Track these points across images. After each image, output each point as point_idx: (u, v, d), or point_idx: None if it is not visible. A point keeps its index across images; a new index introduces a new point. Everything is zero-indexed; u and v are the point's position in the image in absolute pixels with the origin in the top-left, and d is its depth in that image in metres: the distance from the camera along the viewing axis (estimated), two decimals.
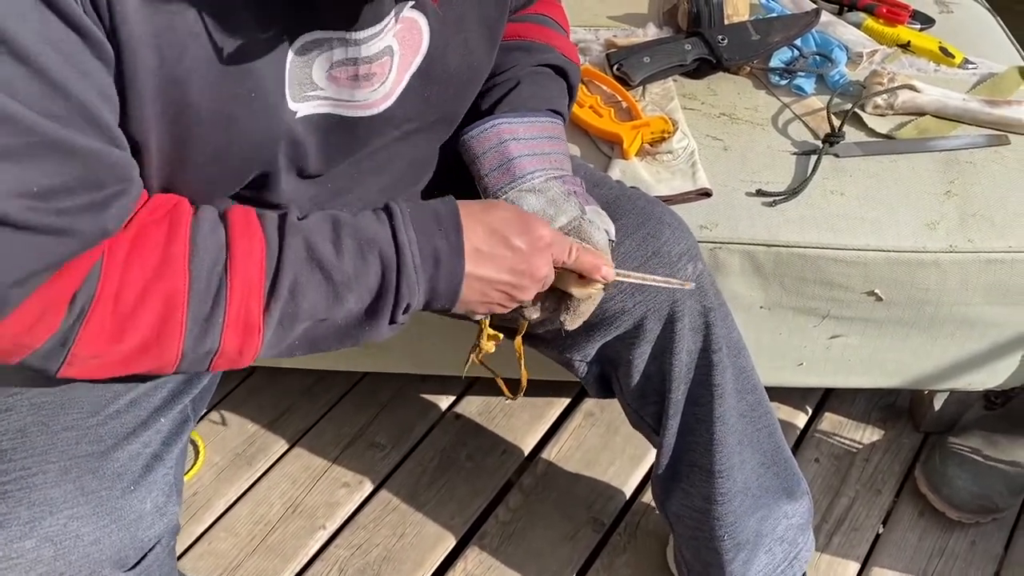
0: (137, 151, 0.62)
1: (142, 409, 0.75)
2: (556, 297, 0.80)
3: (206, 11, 0.58)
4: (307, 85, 0.67)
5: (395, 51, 0.70)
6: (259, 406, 1.39)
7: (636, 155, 1.10)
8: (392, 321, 0.71)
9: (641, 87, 1.18)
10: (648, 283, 0.84)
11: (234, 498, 1.28)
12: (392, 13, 0.67)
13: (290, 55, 0.64)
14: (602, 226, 0.81)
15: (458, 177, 0.90)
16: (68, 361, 0.61)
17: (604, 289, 0.80)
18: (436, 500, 1.28)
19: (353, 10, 0.64)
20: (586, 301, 0.79)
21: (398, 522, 1.26)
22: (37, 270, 0.57)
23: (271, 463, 1.32)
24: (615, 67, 1.17)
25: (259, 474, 1.31)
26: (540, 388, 1.35)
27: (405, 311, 0.71)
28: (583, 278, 0.77)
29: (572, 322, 0.81)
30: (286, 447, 1.34)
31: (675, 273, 0.87)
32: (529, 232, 0.72)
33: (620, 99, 1.15)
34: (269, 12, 0.61)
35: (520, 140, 0.84)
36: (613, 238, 0.83)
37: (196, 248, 0.63)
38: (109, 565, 0.70)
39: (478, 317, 0.79)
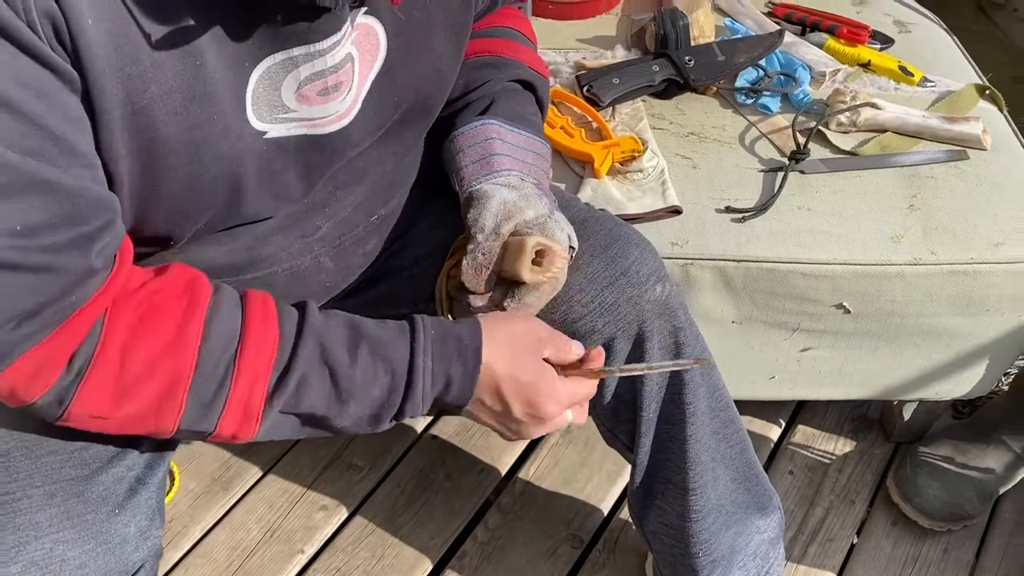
0: (110, 182, 0.62)
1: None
2: (505, 286, 0.82)
3: (167, 42, 0.59)
4: (278, 107, 0.67)
5: (355, 58, 0.71)
6: None
7: (607, 174, 1.11)
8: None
9: (611, 107, 1.20)
10: (655, 372, 0.89)
11: (211, 524, 1.27)
12: (349, 20, 0.68)
13: (254, 77, 0.65)
14: (566, 229, 0.83)
15: (435, 192, 0.91)
16: (65, 417, 0.63)
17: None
18: (415, 521, 1.28)
19: (315, 19, 0.65)
20: (533, 291, 0.81)
21: (377, 544, 1.25)
22: (27, 311, 0.57)
23: (248, 488, 1.31)
24: (585, 88, 1.19)
25: (235, 499, 1.30)
26: None
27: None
28: (536, 264, 0.80)
29: (515, 311, 0.82)
30: (262, 471, 1.33)
31: (643, 294, 0.88)
32: (535, 409, 0.76)
33: (591, 119, 1.17)
34: (231, 37, 0.62)
35: (506, 143, 0.86)
36: (575, 245, 0.85)
37: (210, 332, 0.64)
38: None
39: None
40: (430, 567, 1.24)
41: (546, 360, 0.78)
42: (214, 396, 0.65)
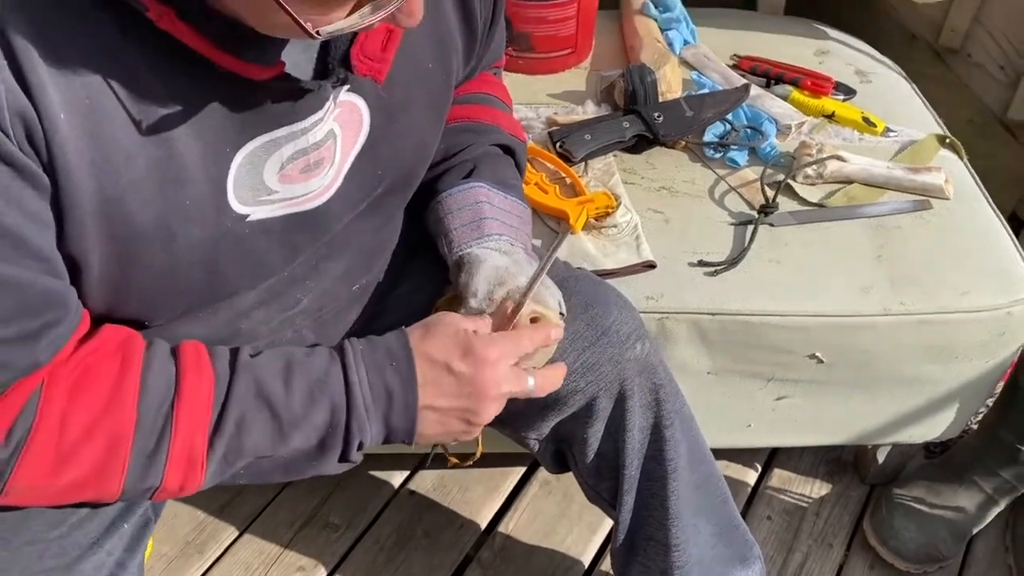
0: (78, 271, 0.62)
1: (104, 516, 0.73)
2: None
3: (141, 133, 0.59)
4: (260, 190, 0.67)
5: (337, 135, 0.71)
6: (208, 490, 1.35)
7: (583, 230, 1.12)
8: (344, 458, 0.71)
9: (583, 163, 1.21)
10: (550, 260, 0.81)
11: None
12: (332, 97, 0.68)
13: (235, 163, 0.65)
14: (556, 295, 0.83)
15: (413, 255, 0.91)
16: (5, 492, 0.61)
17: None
18: None
19: (298, 99, 0.65)
20: (527, 360, 0.79)
21: None
22: None
23: (223, 550, 1.29)
24: (557, 144, 1.20)
25: (210, 562, 1.27)
26: (495, 460, 1.35)
27: (359, 448, 0.71)
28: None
29: None
30: (237, 532, 1.31)
31: (624, 352, 0.88)
32: (471, 353, 0.72)
33: (564, 175, 1.18)
34: (208, 125, 0.62)
35: (495, 207, 0.86)
36: (564, 311, 0.85)
37: (146, 386, 0.63)
38: None
39: (448, 445, 0.80)
40: None
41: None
42: (155, 449, 0.63)
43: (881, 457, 1.37)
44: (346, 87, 0.69)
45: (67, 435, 0.61)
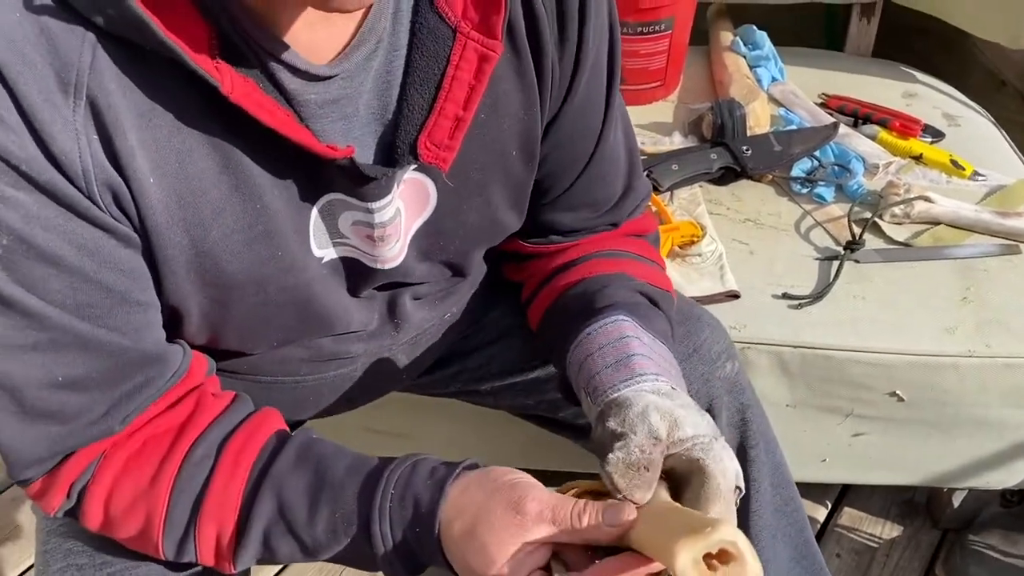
0: (179, 317, 0.66)
1: None
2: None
3: (227, 188, 0.61)
4: (334, 234, 0.69)
5: (402, 211, 0.70)
6: None
7: (667, 257, 1.15)
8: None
9: (669, 192, 1.24)
10: None
11: None
12: (397, 181, 0.68)
13: (314, 213, 0.66)
14: (735, 461, 0.63)
15: (507, 283, 0.93)
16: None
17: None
18: None
19: (360, 185, 0.65)
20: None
21: None
22: (40, 457, 0.63)
23: None
24: (645, 173, 1.23)
25: None
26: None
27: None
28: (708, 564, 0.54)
29: None
30: None
31: (714, 371, 0.90)
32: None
33: (651, 204, 1.21)
34: (288, 180, 0.63)
35: (644, 344, 0.71)
36: (742, 486, 0.63)
37: (180, 477, 0.65)
38: None
39: None
40: None
41: (541, 541, 0.61)
42: (183, 539, 0.66)
43: (956, 501, 1.35)
44: (413, 166, 0.68)
45: (114, 505, 0.65)
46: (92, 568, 0.70)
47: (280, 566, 1.30)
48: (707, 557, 0.53)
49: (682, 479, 0.63)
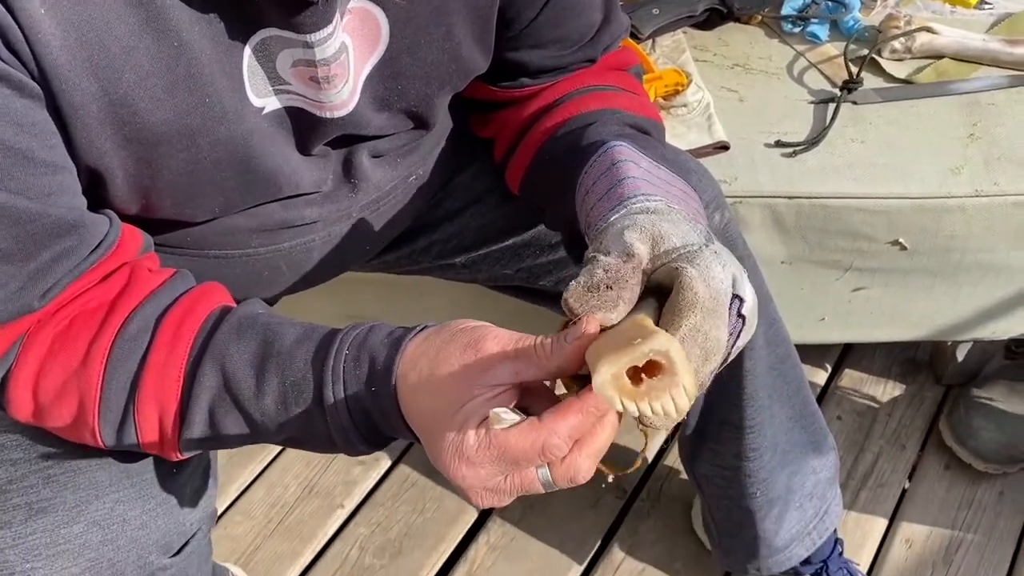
0: (100, 180, 0.59)
1: None
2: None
3: (137, 22, 0.54)
4: (275, 79, 0.62)
5: (349, 47, 0.64)
6: None
7: None
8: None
9: (651, 40, 1.15)
10: None
11: (248, 481, 1.25)
12: (338, 11, 0.61)
13: (247, 52, 0.60)
14: (729, 267, 0.55)
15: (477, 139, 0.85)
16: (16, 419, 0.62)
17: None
18: None
19: (298, 13, 0.58)
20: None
21: (417, 497, 1.24)
22: None
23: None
24: None
25: (272, 456, 1.28)
26: None
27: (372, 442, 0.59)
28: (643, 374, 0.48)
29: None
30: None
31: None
32: (437, 440, 0.54)
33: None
34: (211, 14, 0.57)
35: (639, 167, 0.63)
36: (743, 295, 0.55)
37: (113, 356, 0.59)
38: (156, 550, 0.67)
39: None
40: (473, 518, 1.22)
41: (501, 385, 0.54)
42: (122, 423, 0.60)
43: (960, 355, 1.31)
44: None
45: (44, 390, 0.59)
46: (27, 463, 0.64)
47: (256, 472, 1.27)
48: (638, 370, 0.47)
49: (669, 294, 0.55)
